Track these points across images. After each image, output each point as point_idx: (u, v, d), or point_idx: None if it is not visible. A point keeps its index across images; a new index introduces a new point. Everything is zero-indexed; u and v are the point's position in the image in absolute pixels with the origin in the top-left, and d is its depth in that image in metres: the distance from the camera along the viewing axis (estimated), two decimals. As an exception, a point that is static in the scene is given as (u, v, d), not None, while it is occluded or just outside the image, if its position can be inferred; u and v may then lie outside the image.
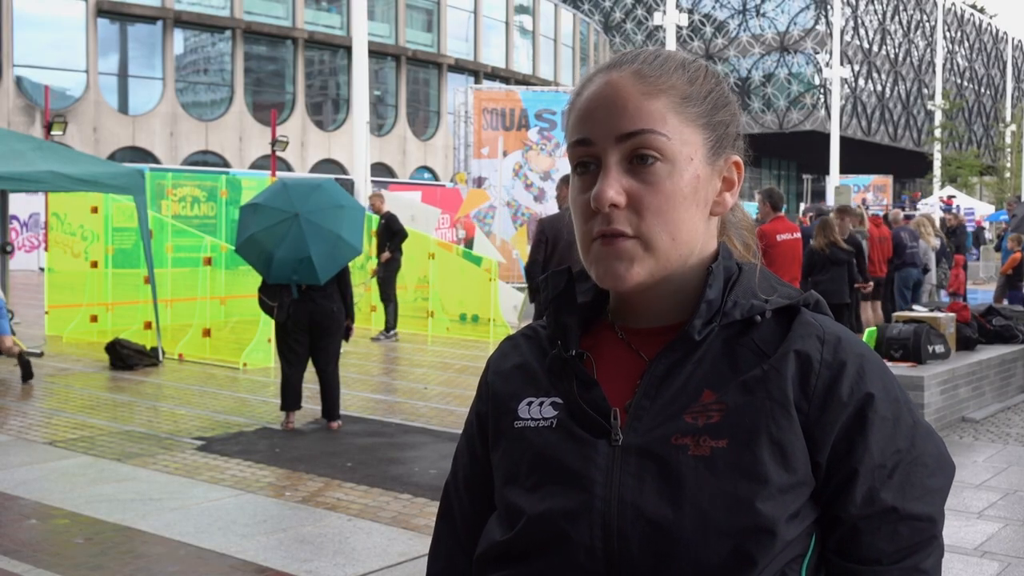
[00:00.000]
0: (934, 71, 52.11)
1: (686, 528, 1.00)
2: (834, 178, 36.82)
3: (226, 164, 33.21)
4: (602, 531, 1.03)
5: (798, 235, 9.02)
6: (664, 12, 27.83)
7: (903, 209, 21.94)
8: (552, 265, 6.66)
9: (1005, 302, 14.30)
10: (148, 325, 11.07)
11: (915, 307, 10.83)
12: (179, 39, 34.16)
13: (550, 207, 17.17)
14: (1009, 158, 51.14)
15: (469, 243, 16.02)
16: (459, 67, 41.63)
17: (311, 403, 7.86)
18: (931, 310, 9.48)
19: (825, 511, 1.06)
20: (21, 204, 23.28)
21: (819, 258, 10.09)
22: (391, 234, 12.63)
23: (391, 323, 12.77)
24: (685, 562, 1.00)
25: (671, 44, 26.56)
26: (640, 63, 1.09)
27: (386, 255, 12.61)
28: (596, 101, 1.08)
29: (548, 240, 6.79)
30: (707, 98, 1.10)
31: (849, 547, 1.05)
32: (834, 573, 1.06)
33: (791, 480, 1.02)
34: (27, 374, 9.23)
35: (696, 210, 1.09)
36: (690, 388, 1.06)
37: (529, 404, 1.14)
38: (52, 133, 14.95)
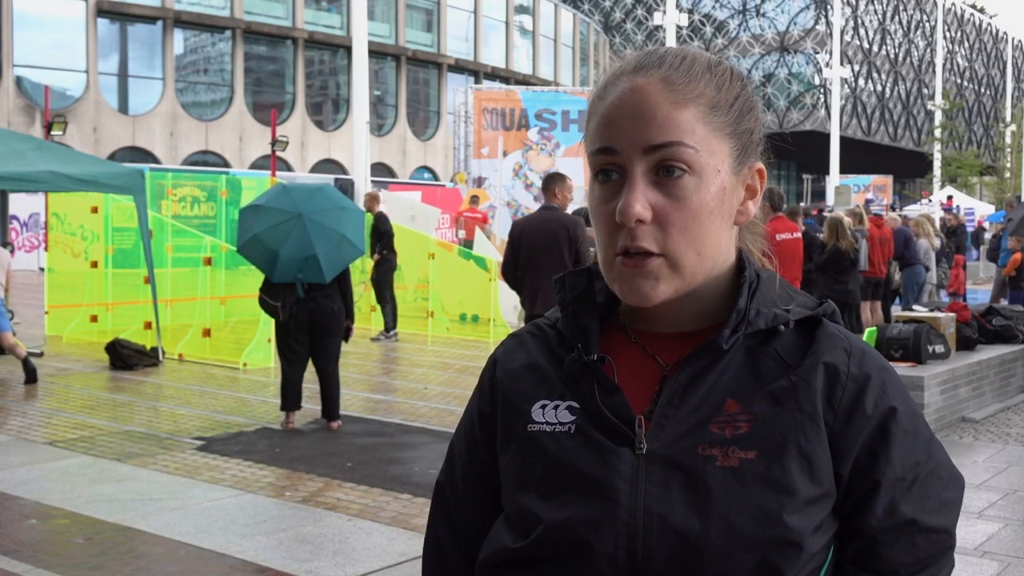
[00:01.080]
0: (934, 71, 52.09)
1: (713, 540, 0.99)
2: (834, 178, 36.79)
3: (226, 164, 33.21)
4: (627, 541, 1.01)
5: (798, 235, 9.03)
6: (664, 12, 27.81)
7: (894, 208, 21.92)
8: (521, 266, 6.78)
9: (1003, 301, 14.29)
10: (148, 325, 11.07)
11: (915, 307, 10.83)
12: (179, 39, 34.15)
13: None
14: (1009, 158, 51.07)
15: (469, 244, 16.01)
16: (459, 67, 41.62)
17: (311, 403, 7.86)
18: (931, 310, 9.47)
19: (845, 522, 1.06)
20: (21, 204, 23.28)
21: (848, 260, 10.30)
22: (379, 235, 12.64)
23: (390, 324, 12.77)
24: (711, 575, 0.99)
25: (671, 44, 26.52)
26: (667, 68, 1.05)
27: (376, 256, 12.62)
28: (622, 108, 1.04)
29: (514, 243, 6.90)
30: (734, 105, 1.07)
31: (868, 558, 1.05)
32: None
33: (817, 492, 1.02)
34: (30, 378, 9.21)
35: (721, 222, 1.06)
36: (713, 397, 1.05)
37: (543, 407, 1.10)
38: (52, 133, 14.97)
